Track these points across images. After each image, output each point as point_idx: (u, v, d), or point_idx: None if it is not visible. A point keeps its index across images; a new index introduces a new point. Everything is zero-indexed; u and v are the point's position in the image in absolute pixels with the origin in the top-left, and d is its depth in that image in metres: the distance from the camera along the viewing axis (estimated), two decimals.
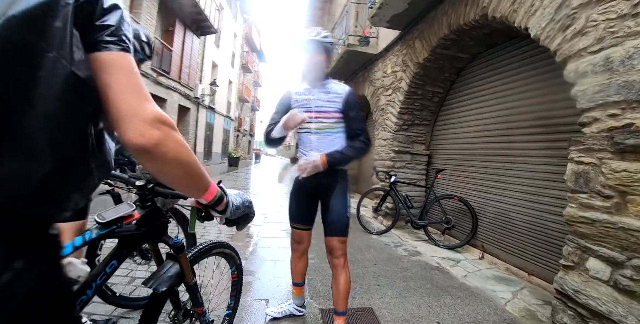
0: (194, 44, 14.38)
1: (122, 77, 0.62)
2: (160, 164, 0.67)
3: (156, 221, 1.17)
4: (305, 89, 1.97)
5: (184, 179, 0.75)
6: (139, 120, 0.61)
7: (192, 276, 1.28)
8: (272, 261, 3.27)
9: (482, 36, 3.88)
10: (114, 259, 1.06)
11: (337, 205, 1.89)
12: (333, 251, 1.88)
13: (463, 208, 4.14)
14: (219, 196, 0.89)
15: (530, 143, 3.37)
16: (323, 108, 1.89)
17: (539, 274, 3.13)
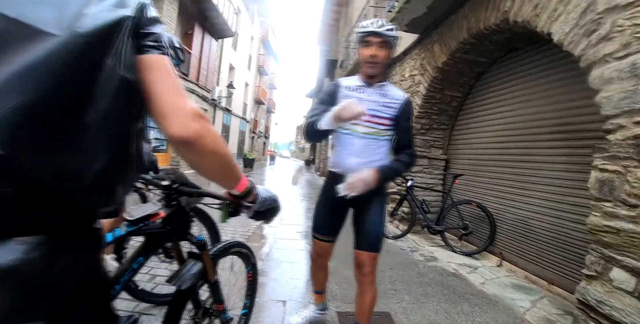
0: (212, 47, 14.63)
1: (164, 76, 0.69)
2: (201, 155, 0.72)
3: (180, 220, 1.22)
4: (358, 86, 1.75)
5: (220, 170, 0.80)
6: (182, 114, 0.67)
7: (214, 273, 1.33)
8: (289, 263, 3.31)
9: (503, 40, 3.84)
10: (140, 256, 1.11)
11: (374, 219, 1.74)
12: (362, 267, 1.71)
13: (481, 214, 4.09)
14: (250, 188, 0.95)
15: (551, 150, 3.31)
16: (377, 113, 1.69)
17: (559, 283, 3.07)
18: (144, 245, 1.14)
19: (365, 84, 1.74)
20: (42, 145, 0.55)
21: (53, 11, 0.57)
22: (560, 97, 3.26)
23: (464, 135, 5.00)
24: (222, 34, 15.10)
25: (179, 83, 0.71)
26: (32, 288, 0.54)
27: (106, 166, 0.64)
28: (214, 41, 14.83)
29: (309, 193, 10.09)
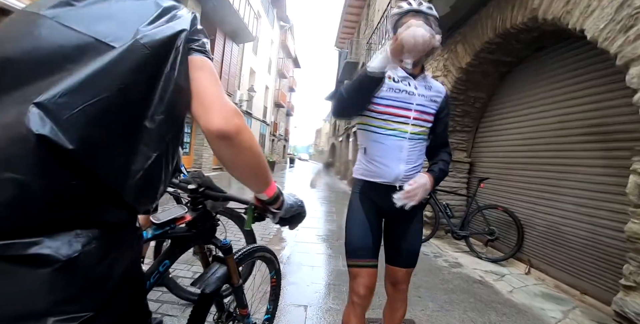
0: (233, 52, 14.88)
1: (209, 75, 0.74)
2: (238, 151, 0.74)
3: (206, 224, 1.22)
4: (402, 76, 1.43)
5: (253, 169, 0.82)
6: (225, 109, 0.71)
7: (239, 277, 1.32)
8: (310, 266, 3.28)
9: (531, 39, 3.71)
10: (166, 258, 1.11)
11: (413, 234, 1.54)
12: (397, 284, 1.54)
13: (508, 219, 3.94)
14: (278, 194, 0.94)
15: (585, 152, 3.16)
16: (425, 109, 1.45)
17: (592, 293, 2.91)
18: (170, 247, 1.15)
19: (410, 75, 1.45)
20: (108, 143, 0.61)
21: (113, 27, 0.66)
22: (593, 96, 3.11)
23: (489, 138, 4.85)
24: (243, 38, 15.34)
25: (221, 84, 0.76)
26: (87, 279, 0.58)
27: (153, 166, 0.68)
28: (235, 46, 15.08)
29: (328, 196, 10.07)
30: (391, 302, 1.62)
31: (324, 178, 18.19)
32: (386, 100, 1.42)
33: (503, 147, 4.43)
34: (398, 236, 1.54)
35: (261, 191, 0.91)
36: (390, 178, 1.42)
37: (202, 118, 0.70)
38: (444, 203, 4.53)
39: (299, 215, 1.04)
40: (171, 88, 0.68)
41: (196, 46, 0.75)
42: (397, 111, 1.42)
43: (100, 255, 0.60)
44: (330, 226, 5.41)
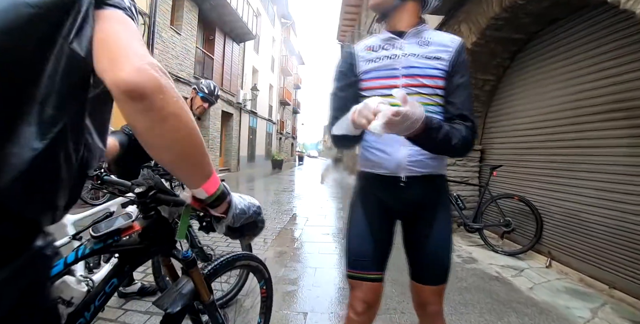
0: (234, 51, 14.73)
1: (117, 23, 0.58)
2: (157, 118, 0.54)
3: (161, 233, 1.01)
4: (384, 40, 1.18)
5: (183, 149, 0.59)
6: (138, 58, 0.53)
7: (208, 293, 1.13)
8: (312, 268, 3.07)
9: (541, 10, 3.39)
10: (114, 277, 0.91)
11: (438, 237, 1.17)
12: (427, 306, 1.21)
13: (524, 208, 3.65)
14: (223, 192, 0.72)
15: (608, 131, 2.85)
16: (419, 71, 1.12)
17: (622, 287, 2.62)
18: (119, 264, 0.94)
19: (395, 35, 1.16)
20: None
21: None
22: (615, 69, 2.80)
23: (500, 123, 4.54)
24: (243, 37, 15.18)
25: (139, 36, 0.59)
26: None
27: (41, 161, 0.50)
28: (235, 45, 14.92)
29: (337, 192, 9.85)
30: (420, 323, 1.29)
31: (333, 174, 17.98)
32: (368, 74, 1.18)
33: (516, 132, 4.12)
34: (417, 242, 1.21)
35: (197, 185, 0.67)
36: (391, 167, 1.14)
37: (108, 72, 0.52)
38: (454, 194, 4.25)
39: (253, 224, 0.81)
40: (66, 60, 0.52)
41: (109, 1, 0.59)
42: (380, 82, 1.16)
43: None
44: (338, 223, 5.18)
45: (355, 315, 1.20)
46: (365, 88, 1.19)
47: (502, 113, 4.49)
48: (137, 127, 0.55)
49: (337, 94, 1.22)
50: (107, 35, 0.56)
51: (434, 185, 1.19)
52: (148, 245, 0.97)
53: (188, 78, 10.67)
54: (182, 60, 10.53)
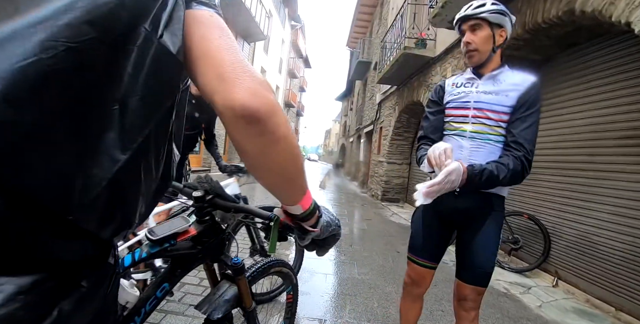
0: (244, 50, 14.81)
1: (221, 34, 0.52)
2: (271, 140, 0.51)
3: (214, 239, 1.01)
4: (467, 80, 1.46)
5: (289, 169, 0.57)
6: (250, 79, 0.48)
7: (251, 300, 1.13)
8: (323, 274, 3.09)
9: (563, 34, 3.47)
10: (165, 281, 0.91)
11: (484, 244, 1.38)
12: (464, 302, 1.42)
13: (534, 227, 3.70)
14: (315, 206, 0.71)
15: (622, 157, 2.91)
16: (487, 106, 1.37)
17: (629, 310, 2.67)
18: (170, 268, 0.94)
19: (476, 76, 1.43)
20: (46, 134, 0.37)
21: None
22: (631, 97, 2.87)
23: None
24: (254, 37, 15.28)
25: (239, 48, 0.53)
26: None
27: (124, 173, 0.45)
28: (246, 44, 15.02)
29: (339, 197, 9.87)
30: (458, 322, 1.48)
31: (333, 179, 18.00)
32: (449, 104, 1.48)
33: None
34: (464, 246, 1.43)
35: (295, 202, 0.65)
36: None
37: (219, 93, 0.47)
38: None
39: (333, 236, 0.81)
40: (153, 56, 0.46)
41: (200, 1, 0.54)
42: (457, 111, 1.45)
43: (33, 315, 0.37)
44: (342, 230, 5.20)
45: (405, 285, 1.62)
46: (447, 115, 1.50)
47: None
48: (248, 151, 0.52)
49: (428, 117, 1.56)
50: (209, 46, 0.51)
51: (486, 201, 1.39)
52: (201, 249, 0.97)
53: None
54: None
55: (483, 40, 1.35)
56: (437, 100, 1.53)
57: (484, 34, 1.35)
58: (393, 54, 7.39)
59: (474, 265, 1.39)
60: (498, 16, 1.34)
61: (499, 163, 1.27)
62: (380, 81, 8.86)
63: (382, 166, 9.56)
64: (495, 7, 1.34)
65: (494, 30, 1.35)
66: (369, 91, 14.20)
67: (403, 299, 1.65)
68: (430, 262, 1.52)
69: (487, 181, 1.24)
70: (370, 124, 12.90)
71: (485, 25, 1.35)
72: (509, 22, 1.37)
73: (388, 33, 8.36)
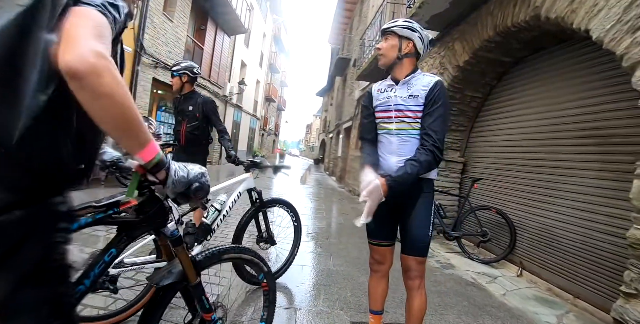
0: (224, 43, 14.58)
1: (80, 18, 0.68)
2: (92, 96, 0.65)
3: (154, 210, 1.10)
4: (388, 85, 1.73)
5: (118, 122, 0.71)
6: (83, 45, 0.63)
7: (195, 276, 1.19)
8: (299, 266, 3.17)
9: (530, 38, 3.65)
10: (112, 247, 1.02)
11: (418, 220, 1.65)
12: (408, 272, 1.67)
13: (501, 221, 3.91)
14: (159, 160, 0.83)
15: (580, 155, 3.12)
16: (404, 107, 1.64)
17: (585, 297, 2.88)
18: (117, 235, 1.04)
19: (394, 82, 1.71)
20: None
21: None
22: (592, 99, 3.06)
23: (483, 138, 4.81)
24: (235, 30, 15.04)
25: (100, 29, 0.69)
26: None
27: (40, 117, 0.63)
28: (226, 37, 14.77)
29: (317, 192, 9.98)
30: (407, 292, 1.72)
31: (313, 174, 18.09)
32: (376, 108, 1.76)
33: (497, 148, 4.39)
34: (403, 224, 1.70)
35: (135, 152, 0.79)
36: (385, 168, 1.68)
37: (58, 56, 0.63)
38: (436, 203, 4.47)
39: (199, 188, 0.93)
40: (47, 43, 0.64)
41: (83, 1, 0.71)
42: (383, 114, 1.72)
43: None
44: (319, 223, 5.31)
45: (373, 262, 1.82)
46: (377, 118, 1.77)
47: (486, 130, 4.76)
48: (79, 101, 0.66)
49: (363, 121, 1.84)
50: (69, 26, 0.66)
51: (416, 185, 1.64)
52: (142, 219, 1.07)
53: None
54: (172, 48, 10.35)
55: (389, 47, 1.66)
56: (368, 105, 1.80)
57: (391, 43, 1.66)
58: (372, 51, 7.49)
59: (411, 239, 1.65)
60: (405, 30, 1.64)
61: (412, 160, 1.54)
62: (359, 78, 8.97)
63: (358, 161, 9.70)
64: (405, 24, 1.65)
65: (401, 41, 1.65)
66: (348, 87, 14.31)
67: (370, 278, 1.85)
68: (387, 241, 1.77)
69: (406, 180, 1.52)
70: (350, 120, 13.02)
71: (395, 36, 1.66)
72: (417, 37, 1.65)
73: (367, 30, 8.46)
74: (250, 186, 2.54)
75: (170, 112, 11.57)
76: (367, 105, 1.81)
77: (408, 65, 1.67)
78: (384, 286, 1.82)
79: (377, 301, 1.82)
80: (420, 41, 1.66)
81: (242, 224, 2.45)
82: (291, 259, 2.87)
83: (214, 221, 2.33)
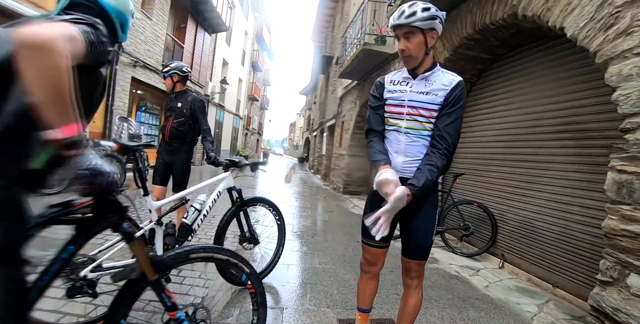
0: (205, 41, 14.36)
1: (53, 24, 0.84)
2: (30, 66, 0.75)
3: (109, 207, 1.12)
4: (404, 78, 1.58)
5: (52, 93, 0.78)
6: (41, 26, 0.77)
7: (152, 272, 1.17)
8: (285, 265, 3.16)
9: (508, 36, 3.73)
10: (70, 244, 1.06)
11: (422, 225, 1.55)
12: (409, 272, 1.63)
13: (482, 214, 3.99)
14: (77, 141, 0.85)
15: (557, 149, 3.21)
16: (419, 104, 1.51)
17: (564, 286, 2.98)
18: (75, 232, 1.09)
19: (411, 76, 1.56)
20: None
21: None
22: (567, 95, 3.16)
23: (464, 134, 4.83)
24: (216, 28, 14.84)
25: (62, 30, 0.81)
26: None
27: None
28: (207, 35, 14.55)
29: (302, 191, 9.96)
30: (405, 290, 1.70)
31: (298, 173, 18.05)
32: (387, 101, 1.61)
33: (478, 143, 4.48)
34: (406, 227, 1.61)
35: (57, 125, 0.81)
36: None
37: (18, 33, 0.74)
38: None
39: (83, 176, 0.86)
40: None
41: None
42: (394, 109, 1.58)
43: None
44: (304, 222, 5.30)
45: (365, 262, 1.73)
46: (386, 111, 1.62)
47: (466, 126, 4.83)
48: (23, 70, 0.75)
49: (371, 110, 1.69)
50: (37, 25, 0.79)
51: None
52: (96, 217, 1.10)
53: (156, 66, 10.27)
54: (151, 46, 10.13)
55: (416, 46, 1.45)
56: (378, 95, 1.65)
57: (417, 41, 1.44)
58: (354, 49, 7.52)
59: (414, 244, 1.59)
60: (429, 22, 1.42)
61: (429, 165, 1.44)
62: (342, 76, 8.99)
63: (343, 159, 9.74)
64: (426, 14, 1.41)
65: (426, 34, 1.44)
66: (331, 85, 14.31)
67: (360, 278, 1.79)
68: (382, 242, 1.63)
69: (428, 188, 1.45)
70: (333, 118, 13.04)
71: (418, 32, 1.43)
72: (439, 23, 1.45)
73: (349, 28, 8.48)
74: (229, 185, 2.53)
75: (151, 112, 11.33)
76: (377, 95, 1.66)
77: (429, 59, 1.53)
78: (374, 286, 1.77)
79: (365, 300, 1.78)
80: (441, 26, 1.48)
81: (223, 224, 2.43)
82: (276, 259, 2.85)
83: (194, 222, 2.31)
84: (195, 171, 11.93)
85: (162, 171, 3.14)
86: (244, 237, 2.59)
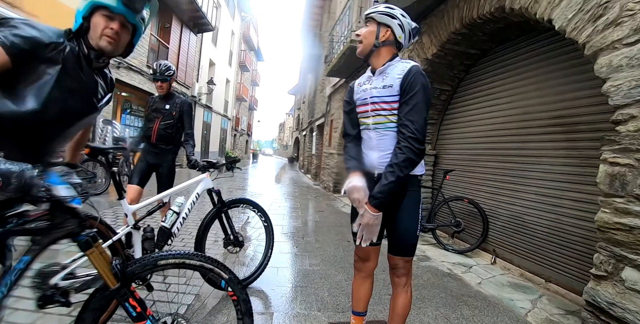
0: (190, 42, 14.14)
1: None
2: None
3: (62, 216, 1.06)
4: (367, 77, 1.65)
5: None
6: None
7: (112, 280, 1.10)
8: (275, 268, 3.07)
9: (496, 30, 3.70)
10: (27, 254, 1.06)
11: (405, 221, 1.55)
12: (395, 270, 1.62)
13: (473, 210, 3.96)
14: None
15: (547, 143, 3.19)
16: (379, 99, 1.53)
17: (556, 281, 2.96)
18: (30, 242, 1.09)
19: (372, 73, 1.62)
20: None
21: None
22: (556, 88, 3.14)
23: (453, 130, 4.86)
24: (202, 28, 14.63)
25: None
26: None
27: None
28: (193, 36, 14.33)
29: (293, 191, 9.86)
30: (393, 290, 1.68)
31: (288, 173, 17.93)
32: (357, 102, 1.67)
33: (468, 139, 4.45)
34: (389, 224, 1.59)
35: None
36: (369, 165, 1.60)
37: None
38: None
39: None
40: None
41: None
42: (361, 108, 1.63)
43: None
44: (295, 222, 5.21)
45: (358, 260, 1.71)
46: (358, 112, 1.66)
47: (455, 121, 4.82)
48: None
49: (345, 117, 1.75)
50: None
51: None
52: (51, 226, 1.05)
53: (140, 67, 10.05)
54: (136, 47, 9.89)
55: (367, 34, 1.58)
56: (349, 100, 1.72)
57: (370, 29, 1.58)
58: (341, 47, 7.45)
59: (398, 240, 1.57)
60: (384, 17, 1.54)
61: (388, 167, 1.43)
62: (329, 74, 8.92)
63: (333, 158, 9.68)
64: (384, 10, 1.55)
65: (380, 27, 1.55)
66: (319, 84, 14.25)
67: (354, 277, 1.76)
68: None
69: (392, 189, 1.40)
70: (322, 117, 12.97)
71: (374, 23, 1.57)
72: (397, 24, 1.54)
73: (336, 26, 8.42)
74: (208, 186, 2.44)
75: (136, 115, 11.08)
76: (348, 100, 1.72)
77: (385, 54, 1.57)
78: (368, 286, 1.73)
79: (359, 302, 1.74)
80: (399, 29, 1.54)
81: (203, 227, 2.34)
82: (265, 262, 2.76)
83: (174, 225, 2.22)
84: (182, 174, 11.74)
85: (143, 172, 3.02)
86: (228, 240, 2.50)
